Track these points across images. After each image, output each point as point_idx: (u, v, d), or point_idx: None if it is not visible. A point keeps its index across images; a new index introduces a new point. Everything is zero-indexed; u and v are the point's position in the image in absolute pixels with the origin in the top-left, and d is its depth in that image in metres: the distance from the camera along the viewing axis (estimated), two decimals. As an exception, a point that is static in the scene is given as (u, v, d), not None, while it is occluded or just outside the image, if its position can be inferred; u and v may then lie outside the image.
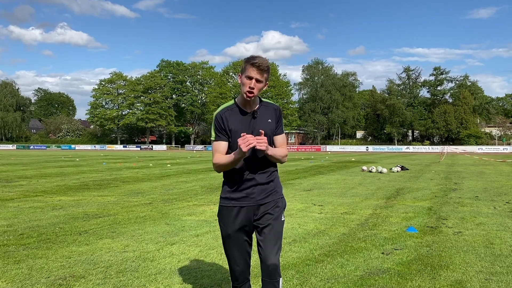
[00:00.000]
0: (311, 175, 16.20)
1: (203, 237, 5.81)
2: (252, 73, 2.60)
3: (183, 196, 10.04)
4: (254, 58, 2.62)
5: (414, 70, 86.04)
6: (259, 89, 2.65)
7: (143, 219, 7.14)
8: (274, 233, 2.72)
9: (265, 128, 2.69)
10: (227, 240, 2.78)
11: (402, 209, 8.16)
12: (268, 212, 2.74)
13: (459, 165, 23.50)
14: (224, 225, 2.78)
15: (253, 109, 2.74)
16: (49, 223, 6.79)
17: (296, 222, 6.88)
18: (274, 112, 2.79)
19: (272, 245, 2.70)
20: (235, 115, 2.73)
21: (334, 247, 5.30)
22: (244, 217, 2.73)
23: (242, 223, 2.74)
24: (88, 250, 5.11)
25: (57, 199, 9.58)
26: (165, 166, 22.15)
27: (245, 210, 2.73)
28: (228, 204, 2.75)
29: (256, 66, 2.60)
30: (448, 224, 6.74)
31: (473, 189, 11.63)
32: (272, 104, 2.83)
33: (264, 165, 2.74)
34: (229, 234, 2.75)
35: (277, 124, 2.80)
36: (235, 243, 2.76)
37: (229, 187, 2.75)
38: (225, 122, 2.71)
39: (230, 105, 2.78)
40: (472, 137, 74.80)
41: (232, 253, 2.77)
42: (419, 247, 5.33)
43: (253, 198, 2.72)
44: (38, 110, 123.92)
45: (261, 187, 2.73)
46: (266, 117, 2.75)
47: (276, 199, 2.78)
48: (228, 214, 2.75)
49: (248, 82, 2.61)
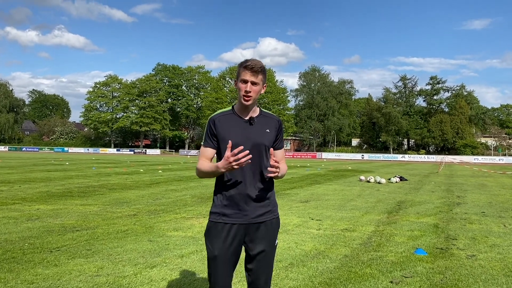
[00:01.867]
0: (307, 185, 15.59)
1: (188, 258, 5.17)
2: (246, 76, 2.46)
3: (171, 207, 9.39)
4: (247, 60, 2.48)
5: (411, 79, 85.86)
6: (256, 92, 2.48)
7: (125, 233, 6.49)
8: (267, 262, 2.54)
9: (262, 138, 2.53)
10: (213, 262, 2.50)
11: (407, 226, 7.56)
12: (262, 237, 2.52)
13: (458, 176, 22.98)
14: (211, 245, 2.51)
15: (251, 116, 2.56)
16: (19, 237, 6.13)
17: (293, 240, 6.25)
18: (275, 124, 2.62)
19: (264, 274, 2.54)
20: (229, 121, 2.54)
21: (336, 273, 4.68)
22: (235, 236, 2.50)
23: (232, 242, 2.49)
24: (55, 274, 4.46)
25: (36, 207, 8.90)
26: (156, 172, 21.46)
27: (236, 227, 2.49)
28: (218, 220, 2.51)
29: (249, 68, 2.45)
30: (459, 246, 6.14)
31: (478, 203, 11.06)
32: (273, 116, 2.66)
33: (261, 180, 2.53)
34: (216, 255, 2.48)
35: (277, 137, 2.62)
36: (222, 264, 2.48)
37: (221, 202, 2.53)
38: (217, 128, 2.53)
39: (227, 111, 2.60)
40: (468, 147, 74.50)
41: (216, 274, 2.49)
42: (431, 274, 4.73)
43: (246, 216, 2.49)
44: (32, 111, 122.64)
45: (256, 204, 2.51)
46: (264, 127, 2.57)
47: (271, 219, 2.57)
48: (217, 232, 2.50)
49: (243, 86, 2.46)
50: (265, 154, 2.55)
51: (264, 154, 2.55)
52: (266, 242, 2.55)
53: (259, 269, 2.54)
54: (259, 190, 2.53)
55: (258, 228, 2.53)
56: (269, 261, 2.57)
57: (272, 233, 2.58)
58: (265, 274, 2.56)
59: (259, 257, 2.53)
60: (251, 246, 2.54)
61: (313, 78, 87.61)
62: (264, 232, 2.54)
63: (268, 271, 2.58)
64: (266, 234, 2.54)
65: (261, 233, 2.53)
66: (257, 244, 2.53)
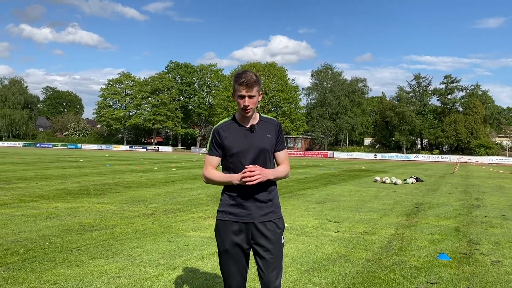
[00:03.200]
0: (322, 185, 15.48)
1: (208, 260, 5.13)
2: (243, 91, 2.59)
3: (188, 206, 9.38)
4: (241, 76, 2.59)
5: (425, 78, 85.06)
6: (254, 103, 2.63)
7: (143, 233, 6.48)
8: (275, 258, 2.66)
9: (264, 143, 2.67)
10: (224, 255, 2.69)
11: (427, 229, 7.44)
12: (267, 235, 2.66)
13: (474, 178, 22.66)
14: (221, 239, 2.69)
15: (252, 124, 2.71)
16: (39, 235, 6.16)
17: (313, 243, 6.18)
18: (274, 128, 2.75)
19: (274, 270, 2.66)
20: (233, 131, 2.70)
21: (359, 278, 4.61)
22: (241, 233, 2.66)
23: (239, 239, 2.66)
24: (77, 274, 4.45)
25: (53, 205, 8.96)
26: (170, 170, 21.52)
27: (242, 226, 2.66)
28: (225, 218, 2.68)
29: (244, 84, 2.58)
30: (482, 251, 6.01)
31: (497, 206, 10.87)
32: (272, 120, 2.79)
33: (265, 183, 2.66)
34: (226, 249, 2.67)
35: (278, 139, 2.76)
36: (233, 258, 2.67)
37: (227, 201, 2.70)
38: (222, 137, 2.69)
39: (228, 121, 2.76)
40: (482, 147, 73.54)
41: (228, 268, 2.68)
42: (457, 280, 4.62)
43: (250, 215, 2.65)
44: (46, 108, 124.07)
45: (260, 204, 2.67)
46: (265, 132, 2.71)
47: (275, 219, 2.70)
48: (225, 228, 2.67)
49: (242, 101, 2.61)
50: (268, 158, 2.70)
51: (268, 158, 2.70)
52: (272, 241, 2.67)
53: (268, 266, 2.65)
54: (263, 192, 2.68)
55: (263, 227, 2.66)
56: (277, 258, 2.68)
57: (277, 232, 2.70)
58: (275, 271, 2.66)
59: (267, 255, 2.65)
60: (258, 244, 2.67)
61: (326, 77, 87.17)
62: (269, 231, 2.67)
63: (278, 268, 2.68)
64: (271, 233, 2.67)
65: (266, 232, 2.66)
66: (264, 242, 2.65)
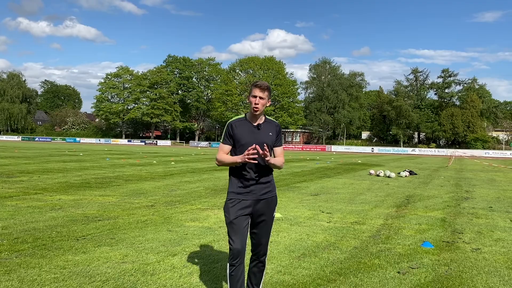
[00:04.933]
0: (317, 178, 15.86)
1: (206, 247, 5.49)
2: (256, 92, 3.34)
3: (187, 198, 9.74)
4: (257, 81, 3.40)
5: (422, 71, 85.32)
6: (263, 104, 3.36)
7: (144, 224, 6.83)
8: (267, 228, 3.47)
9: (267, 139, 3.38)
10: (230, 226, 3.33)
11: (415, 220, 7.82)
12: (264, 209, 3.41)
13: (468, 171, 23.07)
14: (229, 214, 3.35)
15: (259, 123, 3.43)
16: (46, 225, 6.50)
17: (305, 232, 6.54)
18: (275, 128, 3.49)
19: (264, 237, 3.47)
20: (243, 126, 3.41)
21: (346, 263, 4.97)
22: (247, 208, 3.36)
23: (244, 212, 3.35)
24: (84, 260, 4.81)
25: (57, 198, 9.30)
26: (169, 164, 21.87)
27: (248, 202, 3.36)
28: (235, 197, 3.37)
29: (258, 86, 3.35)
30: (464, 239, 6.39)
31: (486, 198, 11.25)
32: (274, 122, 3.54)
33: (264, 169, 3.40)
34: (231, 221, 3.32)
35: (277, 138, 3.49)
36: (237, 229, 3.31)
37: (236, 184, 3.40)
38: (234, 130, 3.40)
39: (241, 118, 3.49)
40: (479, 141, 74.03)
41: (233, 236, 3.31)
42: (437, 266, 4.99)
43: (254, 194, 3.37)
44: (44, 102, 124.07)
45: (261, 185, 3.40)
46: (268, 131, 3.44)
47: (271, 197, 3.46)
48: (233, 205, 3.36)
49: (253, 100, 3.34)
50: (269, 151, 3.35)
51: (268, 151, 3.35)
52: (267, 214, 3.44)
53: (260, 232, 3.45)
54: (263, 177, 3.41)
55: (261, 203, 3.40)
56: (269, 228, 3.48)
57: (272, 207, 3.47)
58: (265, 237, 3.47)
59: (261, 224, 3.44)
60: (256, 216, 3.41)
61: (324, 71, 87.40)
62: (265, 206, 3.42)
63: (268, 235, 3.49)
64: (267, 207, 3.43)
65: (263, 207, 3.41)
66: (260, 214, 3.41)
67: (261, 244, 3.46)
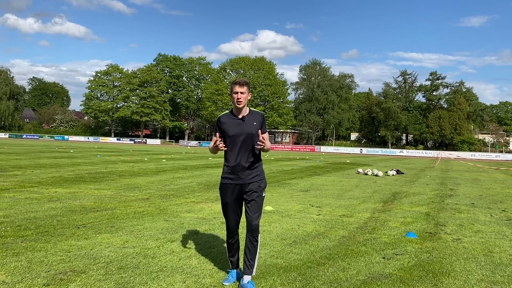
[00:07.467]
0: (307, 176, 16.20)
1: (202, 235, 5.78)
2: (236, 89, 3.83)
3: (180, 192, 9.99)
4: (236, 80, 3.88)
5: (411, 74, 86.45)
6: (244, 98, 3.84)
7: (141, 214, 7.09)
8: (257, 205, 3.89)
9: (251, 129, 3.86)
10: (225, 206, 3.97)
11: (400, 214, 8.18)
12: (253, 190, 3.88)
13: (453, 171, 23.63)
14: (223, 196, 3.98)
15: (243, 115, 3.89)
16: (46, 215, 6.72)
17: (295, 223, 6.86)
18: (259, 117, 3.95)
19: (255, 213, 3.87)
20: (230, 120, 3.92)
21: (335, 250, 5.29)
22: (237, 191, 3.91)
23: (235, 195, 3.92)
24: (87, 245, 5.06)
25: (53, 190, 9.49)
26: (161, 161, 22.05)
27: (238, 186, 3.90)
28: (226, 182, 3.93)
29: (237, 83, 3.84)
30: (446, 231, 6.75)
31: (469, 195, 11.69)
32: (258, 112, 4.01)
33: (252, 156, 3.91)
34: (226, 202, 3.95)
35: (262, 125, 3.94)
36: (231, 208, 3.95)
37: (227, 170, 3.92)
38: (223, 125, 3.92)
39: (228, 113, 3.98)
40: (465, 143, 75.23)
41: (228, 214, 3.98)
42: (419, 253, 5.33)
43: (242, 178, 3.88)
44: (32, 99, 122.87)
45: (249, 171, 3.90)
46: (252, 121, 3.90)
47: (259, 180, 3.94)
48: (226, 188, 3.94)
49: (235, 96, 3.83)
50: (254, 140, 3.86)
51: (254, 140, 3.86)
52: (256, 194, 3.89)
53: (252, 210, 3.86)
54: (251, 163, 3.90)
55: (250, 185, 3.88)
56: (259, 206, 3.90)
57: (260, 188, 3.93)
58: (257, 213, 3.88)
59: (252, 203, 3.88)
60: (247, 196, 3.90)
61: (314, 72, 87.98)
62: (254, 187, 3.89)
63: (259, 212, 3.90)
64: (256, 188, 3.89)
65: (252, 188, 3.89)
66: (250, 195, 3.89)
67: (252, 221, 3.84)
